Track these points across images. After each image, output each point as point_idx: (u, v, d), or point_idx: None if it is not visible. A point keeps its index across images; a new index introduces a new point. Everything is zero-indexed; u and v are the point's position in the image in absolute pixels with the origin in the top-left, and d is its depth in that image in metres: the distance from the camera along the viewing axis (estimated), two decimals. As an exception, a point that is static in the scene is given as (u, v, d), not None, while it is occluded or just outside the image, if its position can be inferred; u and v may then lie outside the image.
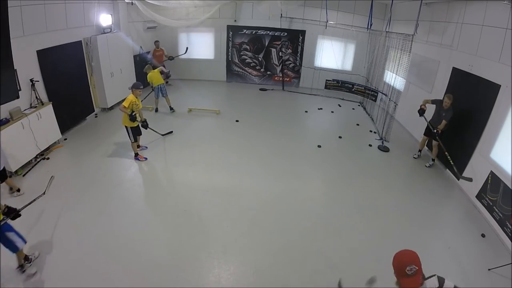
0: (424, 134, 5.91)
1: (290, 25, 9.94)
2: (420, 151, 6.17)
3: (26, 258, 3.21)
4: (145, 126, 5.53)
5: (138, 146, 5.63)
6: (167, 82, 7.49)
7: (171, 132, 6.54)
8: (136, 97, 5.16)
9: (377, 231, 4.10)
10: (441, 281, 1.79)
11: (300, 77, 10.63)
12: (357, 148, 6.64)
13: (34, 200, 3.53)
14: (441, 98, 5.43)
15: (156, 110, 7.81)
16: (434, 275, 1.82)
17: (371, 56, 8.92)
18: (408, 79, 7.18)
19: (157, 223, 4.03)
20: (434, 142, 5.60)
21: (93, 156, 5.50)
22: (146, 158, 5.49)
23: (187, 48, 9.69)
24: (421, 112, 5.49)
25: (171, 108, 7.77)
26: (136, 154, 5.46)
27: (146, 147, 5.90)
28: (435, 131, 5.32)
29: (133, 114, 5.07)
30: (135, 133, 5.34)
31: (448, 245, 3.91)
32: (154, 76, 7.26)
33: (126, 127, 5.21)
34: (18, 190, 4.31)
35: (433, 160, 5.79)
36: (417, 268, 1.71)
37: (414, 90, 7.25)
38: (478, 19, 5.01)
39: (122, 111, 5.03)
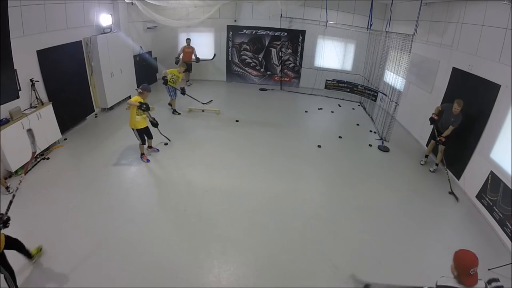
0: (432, 139, 5.70)
1: (290, 25, 9.93)
2: (427, 156, 5.95)
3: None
4: (155, 124, 5.47)
5: (150, 147, 5.67)
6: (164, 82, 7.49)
7: (168, 140, 6.33)
8: (144, 99, 5.15)
9: (377, 231, 4.10)
10: (487, 283, 2.21)
11: (300, 77, 10.63)
12: (357, 148, 6.64)
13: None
14: (451, 103, 5.09)
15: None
16: (481, 279, 2.20)
17: (371, 56, 8.92)
18: (408, 79, 7.18)
19: (157, 223, 4.03)
20: (440, 147, 5.40)
21: (93, 156, 5.50)
22: (148, 160, 5.44)
23: (215, 54, 10.11)
24: (432, 121, 5.36)
25: (174, 111, 7.72)
26: (142, 154, 5.44)
27: (158, 149, 5.81)
28: (438, 139, 5.23)
29: (142, 107, 4.96)
30: (144, 134, 5.31)
31: (447, 245, 3.90)
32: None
33: (133, 129, 5.20)
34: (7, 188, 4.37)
35: (436, 164, 5.65)
36: (476, 269, 2.11)
37: (414, 90, 7.25)
38: (478, 19, 5.01)
39: (131, 104, 4.92)
